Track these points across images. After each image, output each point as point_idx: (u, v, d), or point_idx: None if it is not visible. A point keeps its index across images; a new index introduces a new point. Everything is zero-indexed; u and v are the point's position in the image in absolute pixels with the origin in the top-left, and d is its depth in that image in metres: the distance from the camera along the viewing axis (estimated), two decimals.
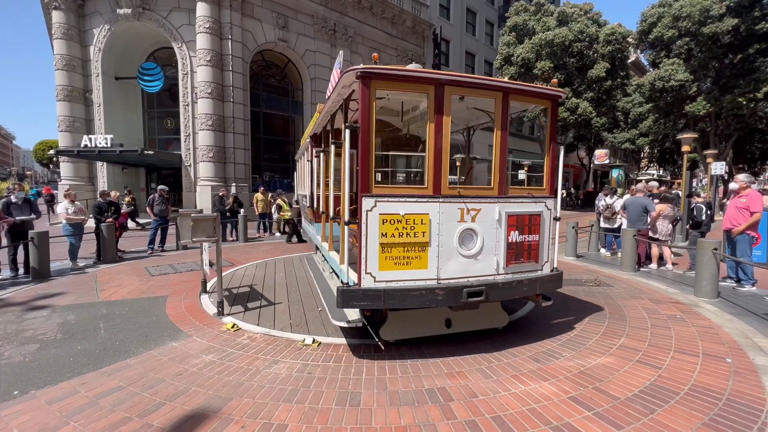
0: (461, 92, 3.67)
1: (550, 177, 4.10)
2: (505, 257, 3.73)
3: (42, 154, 48.32)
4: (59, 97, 16.65)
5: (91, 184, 17.67)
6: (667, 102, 20.68)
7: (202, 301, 5.30)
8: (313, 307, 5.05)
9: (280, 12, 17.74)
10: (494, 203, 3.70)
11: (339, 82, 3.54)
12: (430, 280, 3.46)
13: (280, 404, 2.78)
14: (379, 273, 3.32)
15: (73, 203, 7.81)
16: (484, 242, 3.64)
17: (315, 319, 4.62)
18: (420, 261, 3.43)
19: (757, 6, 17.38)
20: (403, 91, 3.52)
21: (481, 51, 29.85)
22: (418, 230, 3.39)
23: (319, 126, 5.72)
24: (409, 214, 3.35)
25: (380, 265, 3.31)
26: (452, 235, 3.51)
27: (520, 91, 3.85)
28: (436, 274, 3.48)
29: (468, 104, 4.55)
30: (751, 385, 3.06)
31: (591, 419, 2.60)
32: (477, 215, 3.61)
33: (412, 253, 3.40)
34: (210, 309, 4.97)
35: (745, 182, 6.01)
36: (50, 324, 4.44)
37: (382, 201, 3.29)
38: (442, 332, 3.88)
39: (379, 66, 3.17)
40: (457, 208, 3.53)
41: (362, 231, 3.23)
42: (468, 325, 4.00)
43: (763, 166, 32.89)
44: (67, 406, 2.75)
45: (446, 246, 3.49)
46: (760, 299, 5.54)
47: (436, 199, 3.46)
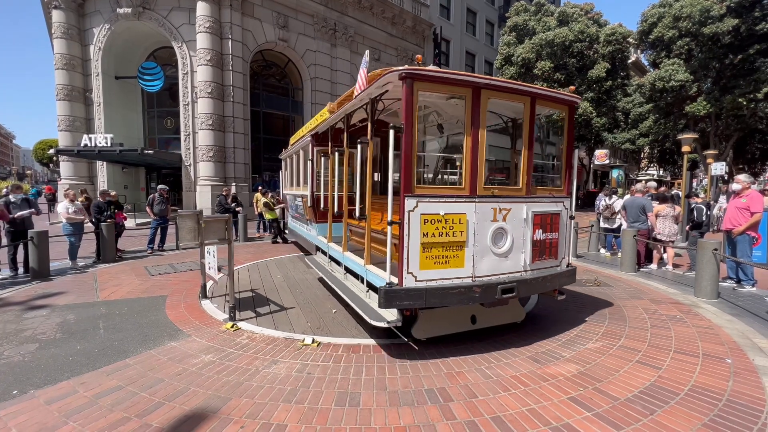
0: (495, 96, 3.69)
1: (567, 178, 4.29)
2: (531, 254, 3.87)
3: (42, 154, 48.33)
4: (59, 97, 16.65)
5: (91, 183, 17.65)
6: (667, 102, 20.68)
7: (204, 307, 5.22)
8: (327, 310, 4.94)
9: (280, 12, 17.73)
10: (523, 203, 3.84)
11: (377, 81, 3.51)
12: (466, 279, 3.54)
13: (280, 404, 2.77)
14: (419, 272, 3.36)
15: (72, 203, 7.80)
16: (513, 240, 3.77)
17: (333, 321, 4.53)
18: (457, 260, 3.50)
19: (758, 6, 17.37)
20: (443, 92, 3.59)
21: (481, 51, 29.84)
22: (456, 230, 3.47)
23: (325, 125, 5.66)
24: (449, 214, 3.43)
25: (421, 265, 3.36)
26: (486, 233, 3.62)
27: (545, 96, 3.99)
28: (472, 273, 3.57)
29: None
30: (751, 385, 3.06)
31: (591, 420, 2.59)
32: (507, 215, 3.74)
33: (450, 252, 3.47)
34: (217, 314, 4.78)
35: (746, 182, 6.00)
36: (49, 323, 4.44)
37: (424, 201, 3.34)
38: (468, 328, 3.95)
39: (422, 67, 3.22)
40: (490, 208, 3.65)
41: (404, 231, 3.26)
42: (491, 320, 4.11)
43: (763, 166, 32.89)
44: (66, 406, 2.75)
45: (481, 244, 3.59)
46: (761, 300, 5.54)
47: (472, 199, 3.55)
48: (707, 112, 19.37)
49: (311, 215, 6.52)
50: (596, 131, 24.53)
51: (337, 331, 4.24)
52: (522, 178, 3.92)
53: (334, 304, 5.16)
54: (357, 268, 4.39)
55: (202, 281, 5.43)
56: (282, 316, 4.71)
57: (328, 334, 4.13)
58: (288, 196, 9.42)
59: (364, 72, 3.90)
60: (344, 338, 4.02)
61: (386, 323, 3.42)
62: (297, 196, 7.85)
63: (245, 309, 4.89)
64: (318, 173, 6.54)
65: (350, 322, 4.54)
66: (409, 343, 3.72)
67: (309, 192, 6.36)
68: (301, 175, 7.25)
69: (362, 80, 3.81)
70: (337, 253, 5.14)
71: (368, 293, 4.09)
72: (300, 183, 7.36)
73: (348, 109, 4.64)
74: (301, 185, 7.30)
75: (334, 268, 5.49)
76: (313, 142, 6.24)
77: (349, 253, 4.77)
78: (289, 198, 9.14)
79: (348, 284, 4.75)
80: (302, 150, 7.12)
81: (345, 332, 4.20)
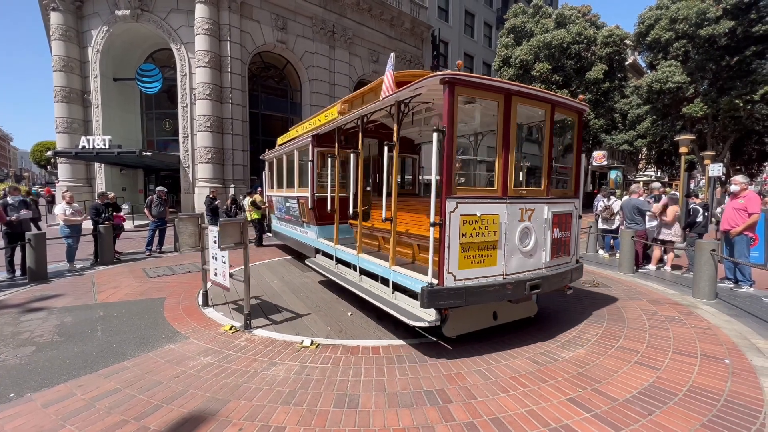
0: (523, 102, 3.85)
1: (576, 180, 4.60)
2: (550, 252, 4.08)
3: (40, 156, 48.20)
4: (57, 99, 16.61)
5: (89, 185, 17.61)
6: (664, 104, 20.77)
7: (203, 309, 5.23)
8: (341, 313, 4.88)
9: (278, 14, 17.75)
10: (544, 203, 4.05)
11: (414, 84, 3.60)
12: (498, 276, 3.69)
13: (278, 406, 2.76)
14: (458, 272, 3.45)
15: (70, 205, 7.78)
16: (537, 239, 3.96)
17: (352, 324, 4.50)
18: (491, 259, 3.65)
19: (754, 8, 17.49)
20: (479, 97, 3.71)
21: (479, 53, 29.93)
22: (490, 229, 3.61)
23: (331, 126, 5.58)
24: (484, 215, 3.56)
25: (459, 264, 3.45)
26: (515, 233, 3.78)
27: (563, 103, 4.23)
28: (503, 271, 3.73)
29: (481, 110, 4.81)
30: (749, 386, 3.06)
31: (590, 421, 2.59)
32: (532, 215, 3.93)
33: (485, 251, 3.61)
34: (215, 317, 4.73)
35: (743, 183, 6.03)
36: (47, 326, 4.42)
37: (463, 203, 3.45)
38: (490, 324, 4.09)
39: (462, 73, 3.38)
40: (518, 209, 3.82)
41: (445, 232, 3.34)
42: (510, 316, 4.28)
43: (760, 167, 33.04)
44: (63, 409, 2.74)
45: (510, 243, 3.75)
46: (758, 300, 5.56)
47: (503, 200, 3.72)
48: (704, 114, 19.46)
49: (311, 217, 6.36)
50: (594, 132, 24.60)
51: (360, 333, 4.22)
52: (543, 180, 4.16)
53: (347, 307, 5.12)
54: (379, 270, 4.39)
55: (203, 288, 5.15)
56: (299, 322, 4.54)
57: (352, 337, 4.10)
58: (275, 198, 8.94)
59: (390, 74, 3.94)
60: (370, 341, 4.01)
61: (426, 323, 3.47)
62: (290, 198, 7.51)
63: (256, 317, 4.64)
64: (319, 174, 6.47)
65: (370, 324, 4.53)
66: (439, 342, 3.87)
67: (309, 194, 6.22)
68: (297, 177, 7.03)
69: (390, 82, 3.86)
70: (350, 256, 5.08)
71: (394, 294, 4.13)
72: (295, 184, 7.09)
73: (368, 111, 4.59)
74: (296, 187, 7.04)
75: (344, 271, 5.40)
76: (314, 142, 6.14)
77: (366, 255, 4.77)
78: (277, 200, 8.68)
79: (365, 286, 4.71)
80: (298, 151, 6.92)
81: (368, 334, 4.19)
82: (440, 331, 3.76)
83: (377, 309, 4.71)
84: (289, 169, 7.61)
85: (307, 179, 6.47)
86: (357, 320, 4.64)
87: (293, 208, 7.36)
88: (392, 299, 4.12)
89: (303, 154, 6.86)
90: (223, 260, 4.45)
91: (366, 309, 5.01)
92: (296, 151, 6.93)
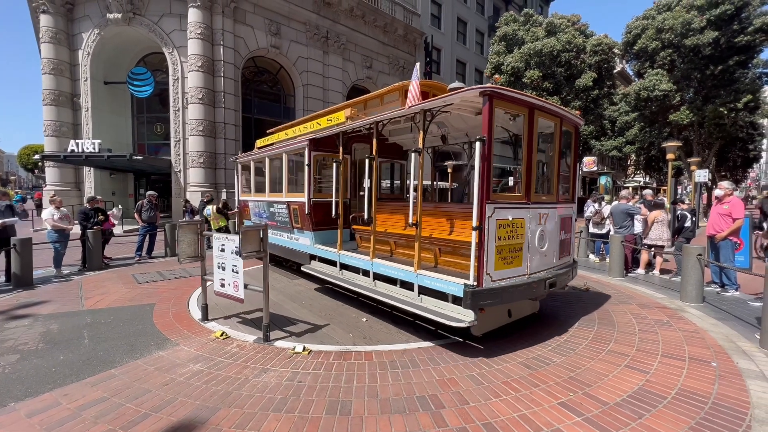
0: (542, 115, 4.15)
1: (573, 187, 5.03)
2: (559, 252, 4.56)
3: (27, 159, 47.30)
4: (46, 101, 16.37)
5: (77, 189, 17.33)
6: (652, 111, 21.22)
7: (194, 315, 5.13)
8: (353, 319, 4.84)
9: (272, 19, 17.80)
10: (555, 208, 4.46)
11: (454, 95, 3.74)
12: (523, 276, 3.98)
13: (270, 414, 2.73)
14: (494, 273, 3.68)
15: (58, 209, 7.65)
16: (550, 240, 4.35)
17: (371, 329, 4.48)
18: (518, 260, 3.93)
19: (736, 20, 18.04)
20: (510, 110, 4.01)
21: (471, 60, 30.31)
22: (518, 233, 3.90)
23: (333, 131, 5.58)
24: (515, 219, 3.85)
25: (495, 266, 3.68)
26: (535, 235, 4.10)
27: (567, 118, 4.65)
28: (527, 270, 4.03)
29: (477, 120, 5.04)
30: (735, 388, 3.12)
31: (580, 425, 2.61)
32: (546, 218, 4.29)
33: (514, 253, 3.88)
34: (205, 322, 4.69)
35: (728, 189, 6.17)
36: (32, 333, 4.32)
37: (498, 208, 3.69)
38: (506, 322, 4.37)
39: (500, 87, 3.64)
40: (538, 213, 4.15)
41: (485, 236, 3.55)
42: (520, 313, 4.61)
43: (744, 173, 33.86)
44: (48, 419, 2.67)
45: (532, 245, 4.06)
46: (744, 304, 5.67)
47: (528, 205, 4.03)
48: (690, 121, 19.92)
49: (306, 223, 6.21)
50: (584, 138, 25.00)
51: (385, 338, 4.20)
52: (554, 187, 4.56)
53: (358, 313, 5.08)
54: (401, 274, 4.43)
55: (203, 301, 4.75)
56: (318, 331, 4.40)
57: (379, 342, 4.09)
58: (253, 203, 8.32)
59: (417, 84, 4.08)
60: (397, 344, 4.02)
61: (466, 323, 3.57)
62: (276, 203, 7.13)
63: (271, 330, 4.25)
64: (318, 179, 6.35)
65: (389, 327, 4.54)
66: (466, 342, 4.04)
67: (306, 199, 6.05)
68: (285, 181, 6.78)
69: (416, 91, 4.04)
70: (362, 262, 5.06)
71: (420, 297, 4.22)
72: (283, 189, 6.83)
73: (387, 117, 4.65)
74: (284, 191, 6.79)
75: (352, 277, 5.31)
76: (312, 146, 6.02)
77: (380, 260, 4.80)
78: (257, 205, 8.08)
79: (382, 291, 4.71)
80: (288, 154, 6.68)
81: (394, 338, 4.21)
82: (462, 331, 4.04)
83: (391, 313, 4.97)
84: (274, 173, 7.40)
85: (301, 184, 6.37)
86: (375, 325, 4.62)
87: (280, 214, 7.05)
88: (418, 302, 4.21)
89: (296, 158, 6.75)
90: (235, 270, 4.20)
91: (378, 314, 5.02)
92: (285, 155, 6.73)
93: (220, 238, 4.34)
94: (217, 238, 4.38)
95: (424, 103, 4.02)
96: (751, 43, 18.02)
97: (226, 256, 4.28)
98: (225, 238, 4.28)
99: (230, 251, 4.20)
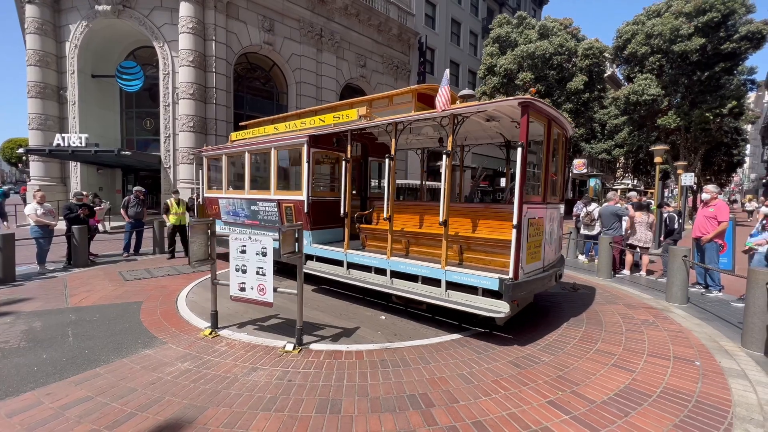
0: (555, 125, 4.66)
1: (562, 188, 5.44)
2: (557, 247, 5.12)
3: (10, 153, 46.08)
4: (31, 94, 15.96)
5: (63, 184, 16.94)
6: (640, 115, 21.60)
7: (182, 313, 5.05)
8: (371, 317, 4.86)
9: (265, 15, 17.62)
10: (556, 208, 5.10)
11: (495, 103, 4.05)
12: (540, 269, 4.47)
13: (259, 413, 2.71)
14: (525, 266, 4.07)
15: (41, 204, 7.47)
16: (554, 237, 4.92)
17: (395, 326, 4.55)
18: (538, 254, 4.41)
19: (723, 27, 18.46)
20: (537, 120, 4.32)
21: (465, 61, 30.45)
22: (540, 230, 4.36)
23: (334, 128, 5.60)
24: (539, 218, 4.34)
25: (526, 260, 4.07)
26: (547, 232, 4.60)
27: (564, 126, 5.05)
28: (543, 264, 4.54)
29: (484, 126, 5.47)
30: (718, 387, 3.19)
31: (568, 423, 2.64)
32: (552, 216, 4.87)
33: (537, 249, 4.36)
34: (194, 321, 4.60)
35: (714, 193, 6.31)
36: (13, 331, 4.21)
37: (530, 208, 4.11)
38: (517, 311, 4.51)
39: (535, 98, 3.97)
40: (549, 212, 4.70)
41: (521, 233, 3.88)
42: (524, 303, 4.89)
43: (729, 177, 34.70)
44: (29, 419, 2.61)
45: (545, 241, 4.55)
46: (726, 305, 5.80)
47: (545, 205, 4.56)
48: (677, 125, 20.33)
49: (304, 222, 5.98)
50: (575, 141, 25.35)
51: (414, 334, 4.33)
52: (558, 189, 5.08)
53: (372, 312, 5.09)
54: (425, 271, 4.59)
55: (213, 308, 4.29)
56: (349, 332, 4.34)
57: (408, 338, 4.18)
58: (226, 201, 7.61)
59: (447, 89, 4.27)
60: (425, 339, 4.15)
61: (504, 314, 3.88)
62: (261, 201, 6.73)
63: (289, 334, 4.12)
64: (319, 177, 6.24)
65: (411, 324, 4.65)
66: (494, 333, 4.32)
67: (305, 197, 5.82)
68: (274, 178, 6.45)
69: (446, 97, 4.26)
70: (377, 260, 5.10)
71: (447, 293, 4.42)
72: (271, 186, 6.48)
73: (412, 119, 4.82)
74: (273, 189, 6.45)
75: (362, 276, 5.25)
76: (311, 143, 5.85)
77: (398, 259, 4.91)
78: (233, 203, 7.45)
79: (402, 287, 4.81)
80: (279, 150, 6.41)
81: (422, 334, 4.34)
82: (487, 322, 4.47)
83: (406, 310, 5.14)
84: (258, 170, 7.05)
85: (298, 181, 6.17)
86: (397, 322, 4.69)
87: (266, 213, 6.68)
88: (446, 296, 4.40)
89: (287, 154, 6.56)
90: (261, 272, 3.92)
91: (390, 311, 5.13)
92: (275, 150, 6.41)
93: (241, 239, 4.03)
94: (236, 239, 4.06)
95: (456, 108, 4.19)
96: (736, 51, 18.47)
97: (248, 258, 3.98)
98: (248, 238, 4.00)
99: (254, 252, 3.95)
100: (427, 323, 4.67)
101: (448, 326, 4.57)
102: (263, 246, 3.90)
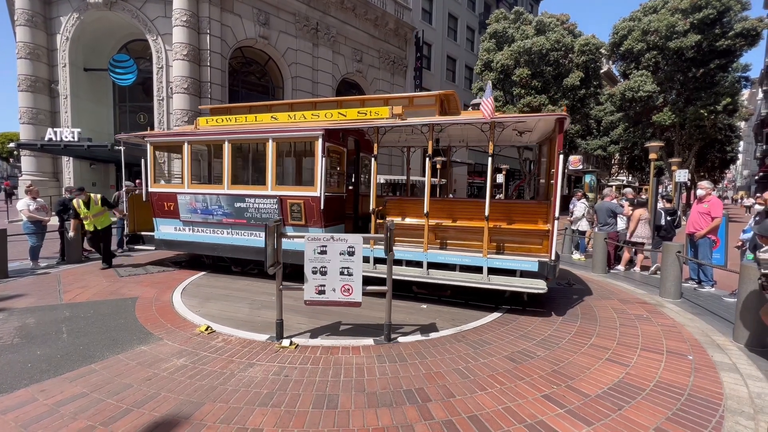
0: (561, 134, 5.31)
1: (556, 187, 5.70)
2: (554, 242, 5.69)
3: (1, 147, 45.43)
4: (21, 87, 15.70)
5: (55, 179, 16.74)
6: (636, 111, 21.69)
7: (177, 308, 5.05)
8: (412, 308, 5.14)
9: (261, 8, 17.41)
10: None
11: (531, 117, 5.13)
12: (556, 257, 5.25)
13: (255, 408, 2.71)
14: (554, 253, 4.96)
15: (34, 199, 7.38)
16: None
17: (442, 314, 4.90)
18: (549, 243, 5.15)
19: (718, 24, 18.52)
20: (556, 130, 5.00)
21: (462, 56, 30.35)
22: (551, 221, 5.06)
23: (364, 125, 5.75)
24: None
25: (555, 246, 4.95)
26: None
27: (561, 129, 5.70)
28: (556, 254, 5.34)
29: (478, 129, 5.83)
30: (710, 380, 3.24)
31: (563, 416, 2.67)
32: None
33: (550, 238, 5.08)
34: (189, 316, 4.63)
35: (708, 189, 6.37)
36: (6, 328, 4.17)
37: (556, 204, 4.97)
38: None
39: (567, 114, 4.88)
40: None
41: (554, 226, 4.80)
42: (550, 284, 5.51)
43: (722, 174, 35.04)
44: (24, 415, 2.59)
45: None
46: (719, 300, 5.88)
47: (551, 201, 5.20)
48: (672, 122, 20.44)
49: (316, 219, 5.80)
50: (570, 137, 25.43)
51: (469, 318, 4.77)
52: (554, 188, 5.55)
53: (407, 303, 5.31)
54: (466, 260, 5.23)
55: (278, 316, 3.90)
56: (421, 326, 4.39)
57: (464, 322, 4.61)
58: (191, 197, 6.67)
59: (491, 100, 4.80)
60: (477, 321, 4.64)
61: (543, 290, 4.75)
62: (252, 197, 6.20)
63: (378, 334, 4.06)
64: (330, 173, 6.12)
65: (454, 310, 5.10)
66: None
67: (319, 193, 5.65)
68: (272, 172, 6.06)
69: (490, 107, 4.80)
70: (414, 254, 5.46)
71: (488, 277, 5.07)
72: (269, 181, 6.05)
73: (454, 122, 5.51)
74: (271, 184, 6.04)
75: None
76: (326, 137, 5.68)
77: (434, 251, 5.46)
78: (208, 199, 6.53)
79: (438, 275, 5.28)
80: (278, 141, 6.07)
81: (473, 317, 4.80)
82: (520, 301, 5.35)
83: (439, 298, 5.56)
84: (247, 162, 6.60)
85: (308, 176, 6.09)
86: (441, 310, 5.11)
87: (258, 210, 6.19)
88: (488, 281, 5.03)
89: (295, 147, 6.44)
90: (348, 272, 3.76)
91: (420, 299, 5.48)
92: (273, 141, 5.99)
93: (320, 239, 3.81)
94: (313, 239, 3.81)
95: (501, 117, 5.07)
96: (731, 48, 18.54)
97: (329, 258, 3.77)
98: (329, 238, 3.79)
99: (338, 252, 3.76)
100: (467, 307, 5.19)
101: (485, 308, 5.14)
102: (350, 245, 3.74)
